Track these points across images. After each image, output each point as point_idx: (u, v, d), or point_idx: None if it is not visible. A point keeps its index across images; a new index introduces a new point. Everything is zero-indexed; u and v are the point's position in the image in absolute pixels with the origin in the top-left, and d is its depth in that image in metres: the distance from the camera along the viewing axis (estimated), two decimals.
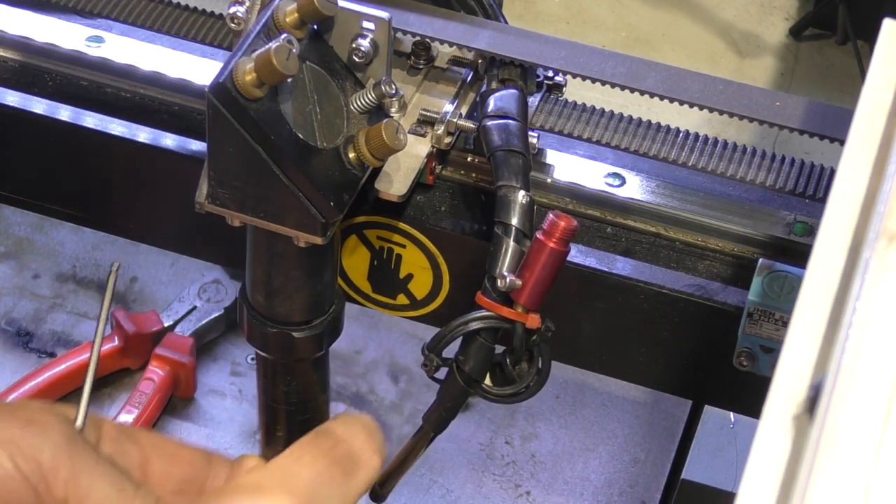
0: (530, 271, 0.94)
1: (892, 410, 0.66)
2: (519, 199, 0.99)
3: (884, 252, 0.71)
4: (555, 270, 0.94)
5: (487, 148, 1.04)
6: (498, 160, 1.03)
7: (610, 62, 1.10)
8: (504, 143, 1.04)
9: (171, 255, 1.75)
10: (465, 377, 0.96)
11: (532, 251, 0.94)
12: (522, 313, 0.95)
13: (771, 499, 0.66)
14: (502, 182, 1.01)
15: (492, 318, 0.95)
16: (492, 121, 1.06)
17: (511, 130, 1.05)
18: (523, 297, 0.94)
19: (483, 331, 0.96)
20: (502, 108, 1.07)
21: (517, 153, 1.03)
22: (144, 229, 1.27)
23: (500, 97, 1.08)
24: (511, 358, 0.97)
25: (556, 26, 2.49)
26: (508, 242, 0.97)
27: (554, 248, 0.93)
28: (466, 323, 0.96)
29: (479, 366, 0.96)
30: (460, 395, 0.97)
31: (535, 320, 0.95)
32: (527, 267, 0.94)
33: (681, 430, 1.68)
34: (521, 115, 1.07)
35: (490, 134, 1.05)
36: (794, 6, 2.58)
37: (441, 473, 1.61)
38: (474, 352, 0.96)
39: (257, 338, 1.06)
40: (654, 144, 1.10)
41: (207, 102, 0.92)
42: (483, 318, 0.95)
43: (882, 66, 0.83)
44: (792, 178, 1.08)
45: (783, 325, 1.05)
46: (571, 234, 0.94)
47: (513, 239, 0.97)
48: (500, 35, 1.11)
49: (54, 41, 1.20)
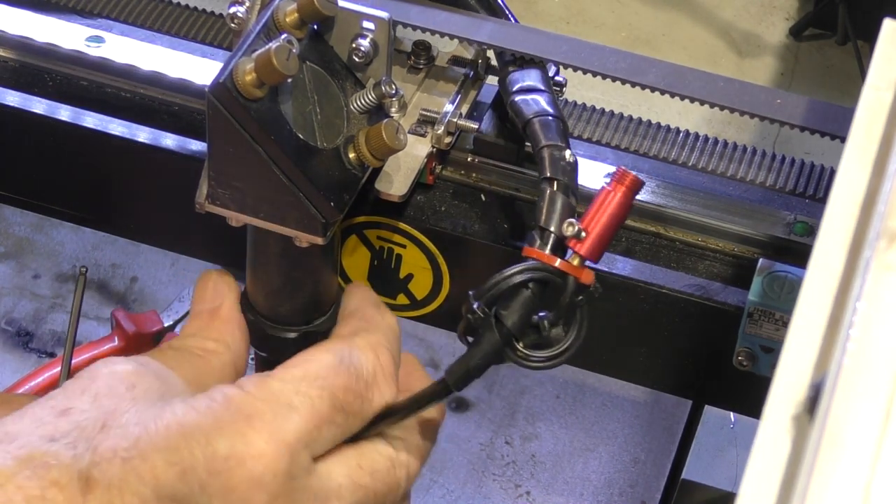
0: (595, 221, 0.90)
1: (893, 410, 0.66)
2: (567, 157, 0.97)
3: (884, 252, 0.71)
4: (619, 222, 0.90)
5: (521, 119, 1.03)
6: (538, 124, 1.01)
7: (611, 58, 1.10)
8: (540, 110, 1.03)
9: (171, 255, 1.76)
10: (505, 332, 0.89)
11: (598, 201, 0.90)
12: (578, 266, 0.90)
13: (771, 499, 0.66)
14: (547, 143, 0.99)
15: (545, 269, 0.89)
16: (520, 95, 1.06)
17: (542, 100, 1.04)
18: (585, 247, 0.89)
19: (533, 282, 0.89)
20: (528, 83, 1.07)
21: (555, 117, 1.02)
22: (144, 229, 1.27)
23: (522, 74, 1.08)
24: (552, 318, 0.91)
25: (557, 26, 2.49)
26: (560, 195, 0.94)
27: (624, 195, 0.90)
28: (519, 272, 0.89)
29: (520, 321, 0.89)
30: (494, 352, 0.90)
31: (590, 275, 0.90)
32: (589, 216, 0.90)
33: (681, 430, 1.68)
34: (548, 88, 1.06)
35: (521, 106, 1.04)
36: (794, 6, 2.58)
37: (441, 473, 1.61)
38: (519, 305, 0.89)
39: (257, 338, 1.06)
40: (654, 144, 1.10)
41: (207, 102, 0.92)
42: (535, 268, 0.89)
43: (882, 66, 0.83)
44: (792, 178, 1.08)
45: (783, 325, 1.05)
46: (639, 188, 0.90)
47: (563, 193, 0.94)
48: (501, 28, 1.11)
49: (54, 41, 1.21)
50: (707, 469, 1.59)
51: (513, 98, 1.06)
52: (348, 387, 0.89)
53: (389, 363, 0.92)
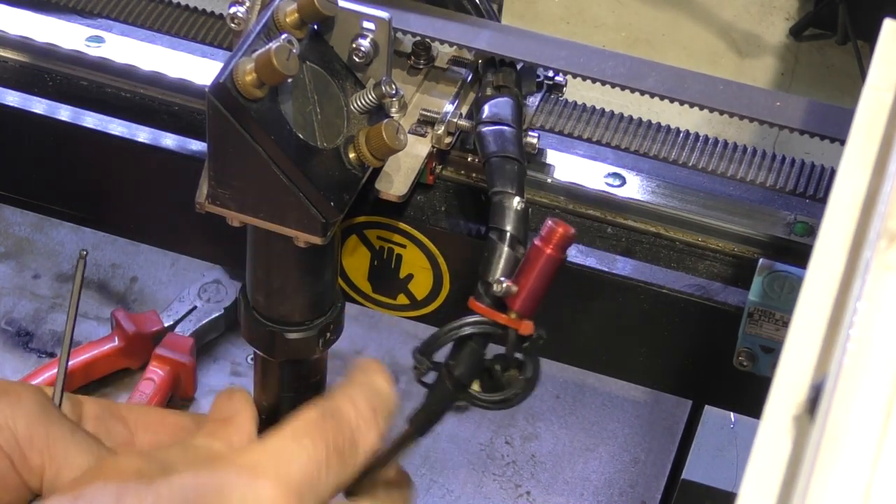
0: (526, 278, 0.94)
1: (893, 410, 0.66)
2: (514, 206, 0.99)
3: (884, 252, 0.71)
4: (550, 277, 0.94)
5: (482, 154, 1.05)
6: (493, 166, 1.03)
7: (610, 62, 1.10)
8: (499, 149, 1.04)
9: (171, 255, 1.75)
10: (454, 381, 0.96)
11: (528, 258, 0.94)
12: (516, 320, 0.94)
13: (772, 499, 0.66)
14: (497, 188, 1.00)
15: (484, 323, 0.95)
16: (486, 127, 1.06)
17: (506, 136, 1.05)
18: (518, 303, 0.94)
19: (475, 336, 0.95)
20: (497, 114, 1.07)
21: (512, 159, 1.03)
22: (144, 229, 1.27)
23: (494, 104, 1.08)
24: (501, 364, 0.96)
25: (556, 26, 2.49)
26: (503, 248, 0.97)
27: (551, 254, 0.93)
28: (459, 328, 0.95)
29: (468, 371, 0.96)
30: (448, 398, 0.97)
31: (529, 327, 0.94)
32: (522, 273, 0.94)
33: (681, 430, 1.68)
34: (516, 121, 1.07)
35: (485, 140, 1.05)
36: (794, 6, 2.58)
37: (441, 473, 1.61)
38: (465, 357, 0.95)
39: (257, 338, 1.06)
40: (654, 144, 1.10)
41: (207, 103, 0.92)
42: (475, 323, 0.95)
43: (882, 66, 0.83)
44: (792, 178, 1.08)
45: (783, 325, 1.05)
46: (569, 242, 0.93)
47: (507, 245, 0.97)
48: (499, 35, 1.11)
49: (54, 41, 1.20)
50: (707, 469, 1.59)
51: (479, 128, 1.06)
52: (338, 432, 0.91)
53: (367, 411, 0.93)
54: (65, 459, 0.91)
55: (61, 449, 0.91)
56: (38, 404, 0.93)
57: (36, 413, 0.92)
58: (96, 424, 0.99)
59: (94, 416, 1.00)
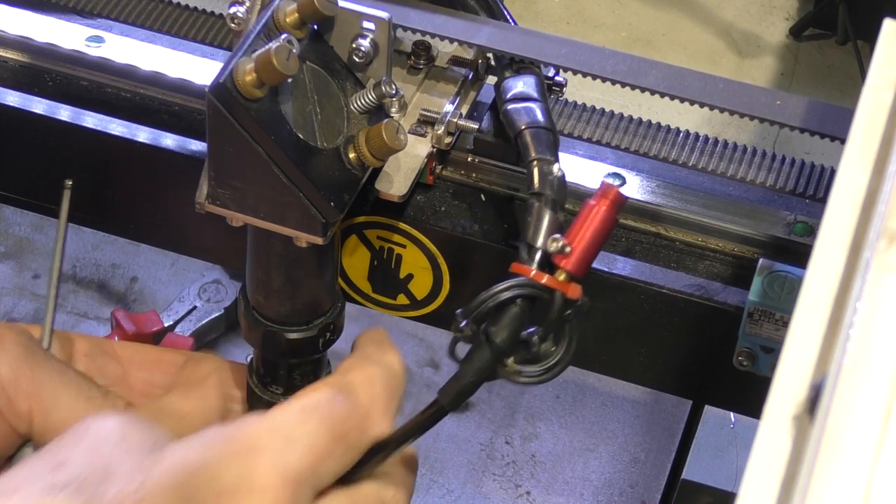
0: (580, 236, 0.90)
1: (893, 411, 0.66)
2: (555, 171, 0.97)
3: (884, 252, 0.71)
4: (604, 237, 0.90)
5: (513, 129, 1.03)
6: (529, 136, 1.01)
7: (610, 60, 1.10)
8: (532, 120, 1.03)
9: (171, 255, 1.76)
10: (496, 349, 0.89)
11: (582, 215, 0.90)
12: (565, 282, 0.90)
13: (772, 499, 0.66)
14: (536, 156, 0.99)
15: (532, 285, 0.89)
16: (513, 104, 1.06)
17: (535, 110, 1.04)
18: (571, 262, 0.89)
19: (521, 298, 0.89)
20: (522, 92, 1.07)
21: (546, 129, 1.02)
22: (144, 229, 1.27)
23: (516, 81, 1.08)
24: (541, 333, 0.91)
25: (556, 26, 2.49)
26: (547, 211, 0.95)
27: (608, 211, 0.91)
28: (508, 288, 0.89)
29: (510, 337, 0.89)
30: (486, 369, 0.90)
31: (577, 290, 0.90)
32: (574, 232, 0.90)
33: (681, 430, 1.68)
34: (542, 96, 1.06)
35: (514, 116, 1.04)
36: (794, 6, 2.58)
37: (441, 473, 1.61)
38: (508, 321, 0.89)
39: (257, 338, 1.06)
40: (654, 144, 1.10)
41: (207, 102, 0.92)
42: (524, 284, 0.89)
43: (882, 66, 0.83)
44: (792, 178, 1.08)
45: (783, 325, 1.05)
46: (622, 205, 0.90)
47: (550, 208, 0.95)
48: (500, 31, 1.11)
49: (54, 41, 1.20)
50: (707, 469, 1.59)
51: (506, 106, 1.06)
52: (346, 417, 0.87)
53: (383, 395, 0.90)
54: (53, 402, 0.88)
55: (49, 391, 0.88)
56: (22, 346, 0.89)
57: (21, 356, 0.88)
58: (88, 362, 0.96)
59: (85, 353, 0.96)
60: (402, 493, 0.93)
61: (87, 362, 0.96)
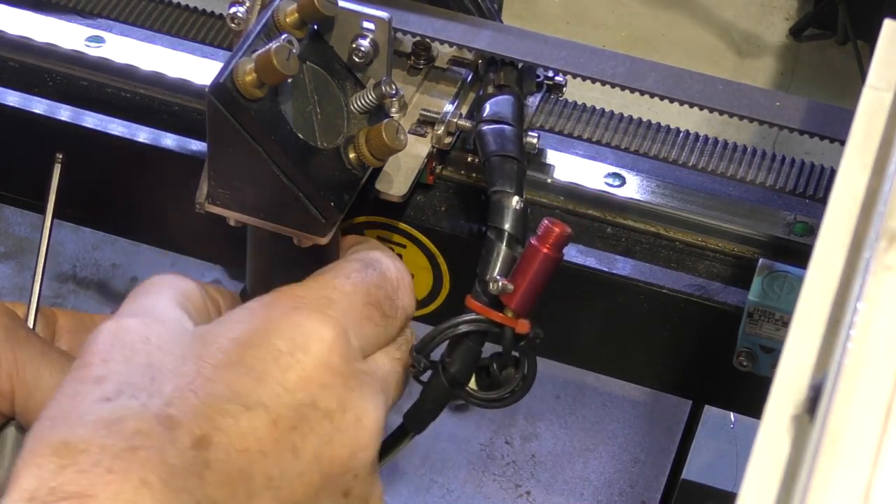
0: (522, 277, 0.94)
1: (893, 411, 0.66)
2: (512, 205, 0.99)
3: (884, 252, 0.71)
4: (547, 277, 0.94)
5: (482, 153, 1.05)
6: (492, 165, 1.03)
7: (610, 62, 1.10)
8: (499, 148, 1.04)
9: (171, 255, 1.76)
10: (450, 378, 0.96)
11: (525, 257, 0.94)
12: (512, 318, 0.95)
13: (772, 499, 0.66)
14: (496, 187, 1.01)
15: (481, 321, 0.95)
16: (487, 126, 1.06)
17: (506, 135, 1.05)
18: (514, 301, 0.94)
19: (471, 334, 0.95)
20: (498, 112, 1.07)
21: (512, 158, 1.03)
22: (144, 229, 1.27)
23: (495, 102, 1.08)
24: (498, 362, 0.97)
25: (556, 26, 2.49)
26: (500, 247, 0.97)
27: (547, 254, 0.93)
28: (455, 325, 0.95)
29: (464, 368, 0.96)
30: (443, 396, 0.97)
31: (525, 326, 0.95)
32: (519, 272, 0.94)
33: (681, 430, 1.68)
34: (517, 119, 1.07)
35: (485, 139, 1.05)
36: (794, 6, 2.58)
37: (441, 473, 1.61)
38: (461, 354, 0.96)
39: None
40: (654, 144, 1.10)
41: (207, 103, 0.92)
42: (472, 321, 0.95)
43: (882, 66, 0.83)
44: (792, 178, 1.08)
45: (783, 325, 1.05)
46: (565, 241, 0.94)
47: (505, 244, 0.97)
48: (499, 35, 1.11)
49: (54, 41, 1.21)
50: (707, 469, 1.59)
51: (480, 127, 1.06)
52: (379, 284, 0.89)
53: (406, 274, 0.92)
54: (36, 382, 0.87)
55: (31, 371, 0.87)
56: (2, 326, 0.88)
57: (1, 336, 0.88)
58: (71, 339, 0.95)
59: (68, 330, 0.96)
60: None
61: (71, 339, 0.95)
